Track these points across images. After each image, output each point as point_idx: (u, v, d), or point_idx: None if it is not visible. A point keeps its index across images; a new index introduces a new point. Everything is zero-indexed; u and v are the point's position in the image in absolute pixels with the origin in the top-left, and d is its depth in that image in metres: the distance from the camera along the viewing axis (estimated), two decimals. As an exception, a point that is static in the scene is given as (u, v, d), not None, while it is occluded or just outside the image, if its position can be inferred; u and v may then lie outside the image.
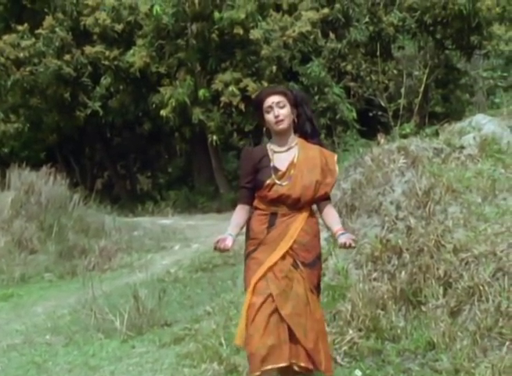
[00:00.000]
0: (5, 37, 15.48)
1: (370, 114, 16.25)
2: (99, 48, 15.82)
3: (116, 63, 15.90)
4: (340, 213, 5.66)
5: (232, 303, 5.68)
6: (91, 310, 6.31)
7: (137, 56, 15.41)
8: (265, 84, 14.79)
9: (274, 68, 14.98)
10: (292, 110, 3.68)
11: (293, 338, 3.51)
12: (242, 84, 14.84)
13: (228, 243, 3.62)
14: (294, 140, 3.71)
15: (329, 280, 5.14)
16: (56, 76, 15.57)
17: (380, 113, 13.73)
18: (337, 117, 15.04)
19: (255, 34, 14.79)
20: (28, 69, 15.47)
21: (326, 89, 15.00)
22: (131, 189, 20.89)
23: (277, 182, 3.62)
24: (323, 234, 5.81)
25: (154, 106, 15.61)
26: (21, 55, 15.34)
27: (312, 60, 15.11)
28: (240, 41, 15.15)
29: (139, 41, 15.73)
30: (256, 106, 3.75)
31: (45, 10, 16.07)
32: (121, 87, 16.24)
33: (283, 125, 3.64)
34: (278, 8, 15.86)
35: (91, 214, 11.42)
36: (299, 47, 15.12)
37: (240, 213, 3.74)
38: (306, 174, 3.63)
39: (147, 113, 17.26)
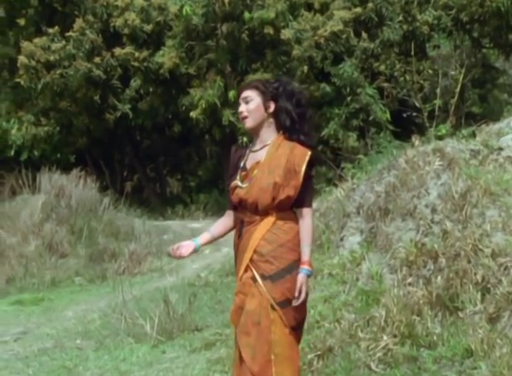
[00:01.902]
0: (36, 40, 15.71)
1: (404, 115, 16.13)
2: (128, 49, 15.97)
3: (145, 64, 16.04)
4: (373, 216, 5.64)
5: (264, 308, 5.68)
6: (121, 314, 6.38)
7: (166, 57, 15.53)
8: (296, 85, 14.78)
9: (305, 68, 14.96)
10: (268, 103, 3.37)
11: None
12: (273, 86, 14.83)
13: (185, 252, 3.37)
14: (271, 137, 3.38)
15: (363, 285, 5.12)
16: (86, 79, 15.77)
17: (414, 114, 13.63)
18: (370, 118, 14.94)
19: (286, 33, 14.79)
20: (58, 72, 15.68)
21: (359, 90, 14.91)
22: (160, 193, 21.03)
23: (239, 184, 3.38)
24: (355, 238, 5.80)
25: (184, 108, 15.70)
26: (51, 58, 15.56)
27: (345, 60, 15.04)
28: (271, 41, 15.17)
29: (169, 42, 15.85)
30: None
31: (76, 13, 16.30)
32: (151, 89, 16.38)
33: (248, 123, 3.38)
34: (309, 7, 15.83)
35: (121, 217, 11.53)
36: (331, 47, 15.06)
37: (222, 220, 3.53)
38: (266, 175, 3.30)
39: (177, 116, 17.37)
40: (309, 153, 3.31)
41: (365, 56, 15.31)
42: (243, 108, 3.39)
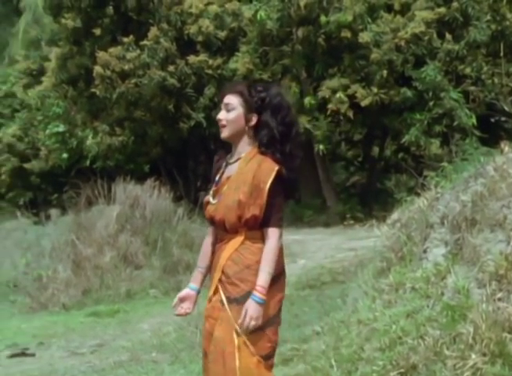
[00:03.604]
0: (111, 49, 16.25)
1: (492, 120, 15.73)
2: (202, 57, 16.28)
3: (219, 72, 16.30)
4: (459, 227, 5.52)
5: (343, 323, 5.65)
6: (196, 328, 6.46)
7: (240, 63, 15.72)
8: (375, 90, 14.67)
9: (385, 73, 14.82)
10: (250, 116, 3.21)
11: None
12: (350, 91, 14.78)
13: (189, 308, 3.33)
14: (245, 150, 3.25)
15: (449, 300, 5.01)
16: (160, 87, 16.16)
17: (503, 118, 13.27)
18: (455, 123, 14.64)
19: (364, 37, 14.71)
20: (133, 81, 16.15)
21: (442, 94, 14.64)
22: (235, 203, 21.23)
23: (210, 200, 3.29)
24: (440, 250, 5.69)
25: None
26: (126, 67, 16.04)
27: (427, 63, 14.81)
28: (348, 45, 15.11)
29: (243, 48, 16.04)
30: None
31: (150, 21, 16.75)
32: (225, 97, 16.59)
33: (224, 133, 3.25)
34: (389, 8, 15.69)
35: (196, 228, 11.68)
36: (412, 49, 14.87)
37: (205, 247, 3.36)
38: (232, 192, 3.18)
39: (251, 124, 17.53)
40: (276, 168, 3.14)
41: (449, 59, 15.03)
42: (222, 116, 3.24)
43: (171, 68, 16.14)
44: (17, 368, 6.45)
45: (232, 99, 3.21)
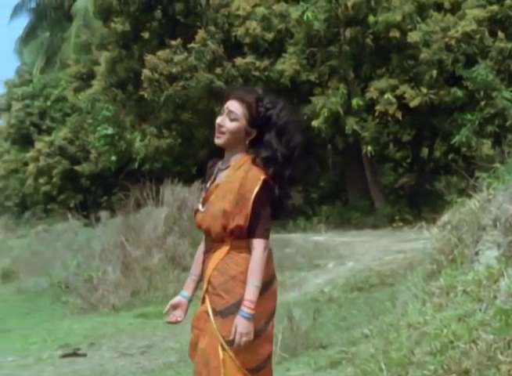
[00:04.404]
0: (159, 52, 16.44)
1: (546, 119, 15.37)
2: (249, 59, 16.32)
3: (266, 73, 16.31)
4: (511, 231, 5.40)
5: (392, 326, 5.59)
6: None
7: (287, 64, 15.71)
8: (424, 90, 14.49)
9: (434, 73, 14.63)
10: (251, 130, 3.11)
11: None
12: (398, 92, 14.63)
13: (180, 316, 3.23)
14: (237, 158, 3.15)
15: (502, 304, 4.91)
16: (207, 90, 16.26)
17: (557, 117, 12.95)
18: (508, 123, 14.36)
19: (413, 36, 14.55)
20: (180, 84, 16.29)
21: (494, 94, 14.38)
22: (282, 205, 21.21)
23: (200, 207, 3.20)
24: (492, 252, 5.58)
25: (305, 117, 15.79)
26: (174, 70, 16.20)
27: (478, 63, 14.56)
28: (397, 44, 14.96)
29: (290, 49, 16.03)
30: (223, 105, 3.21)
31: (198, 24, 16.88)
32: (272, 98, 16.62)
33: (220, 140, 3.14)
34: (439, 7, 15.48)
35: (242, 230, 11.69)
36: (463, 49, 14.63)
37: (199, 254, 3.27)
38: (219, 200, 3.09)
39: (298, 125, 17.50)
40: (263, 177, 3.03)
41: (501, 57, 14.75)
42: (224, 122, 3.12)
43: (219, 70, 16.22)
44: (69, 368, 6.57)
45: (237, 108, 3.11)
